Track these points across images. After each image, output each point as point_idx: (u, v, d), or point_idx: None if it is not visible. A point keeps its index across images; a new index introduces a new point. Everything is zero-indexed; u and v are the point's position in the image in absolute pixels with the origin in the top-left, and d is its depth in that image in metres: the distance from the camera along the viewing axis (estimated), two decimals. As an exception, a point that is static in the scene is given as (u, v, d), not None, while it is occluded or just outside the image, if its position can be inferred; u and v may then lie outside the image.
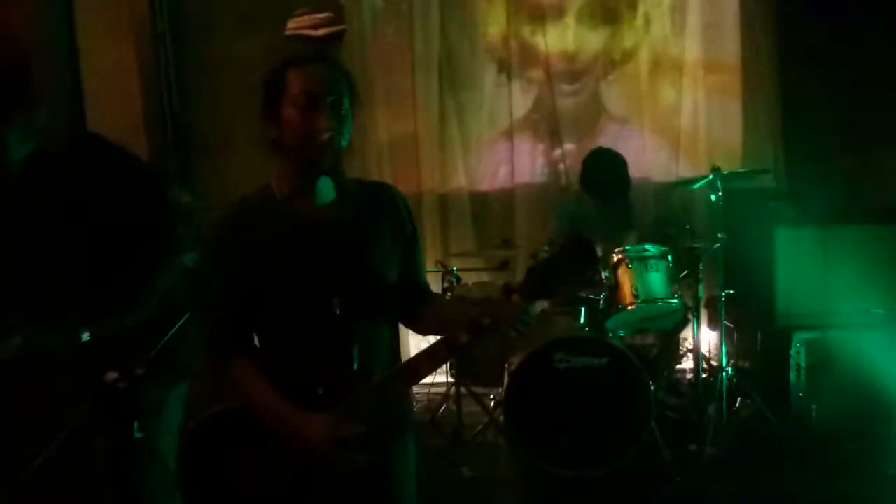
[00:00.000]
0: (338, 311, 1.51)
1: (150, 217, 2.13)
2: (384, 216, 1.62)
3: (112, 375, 1.16)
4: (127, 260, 2.07)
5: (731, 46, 4.28)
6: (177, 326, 1.53)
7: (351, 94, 1.54)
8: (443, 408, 3.71)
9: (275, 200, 1.54)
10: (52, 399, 2.02)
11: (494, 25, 4.39)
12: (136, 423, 1.22)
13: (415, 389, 4.13)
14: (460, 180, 4.44)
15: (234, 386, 1.55)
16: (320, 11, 4.37)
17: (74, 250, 2.09)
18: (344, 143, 1.50)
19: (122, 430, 1.22)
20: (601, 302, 3.37)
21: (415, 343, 4.14)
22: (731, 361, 3.74)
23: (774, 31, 4.15)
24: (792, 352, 3.43)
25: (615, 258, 3.41)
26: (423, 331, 1.76)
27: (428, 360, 1.50)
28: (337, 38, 4.41)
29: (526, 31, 4.35)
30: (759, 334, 3.74)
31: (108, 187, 2.09)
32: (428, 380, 4.15)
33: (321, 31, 4.42)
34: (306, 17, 4.38)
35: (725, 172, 3.45)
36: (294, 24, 4.39)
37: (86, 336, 1.88)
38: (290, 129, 1.48)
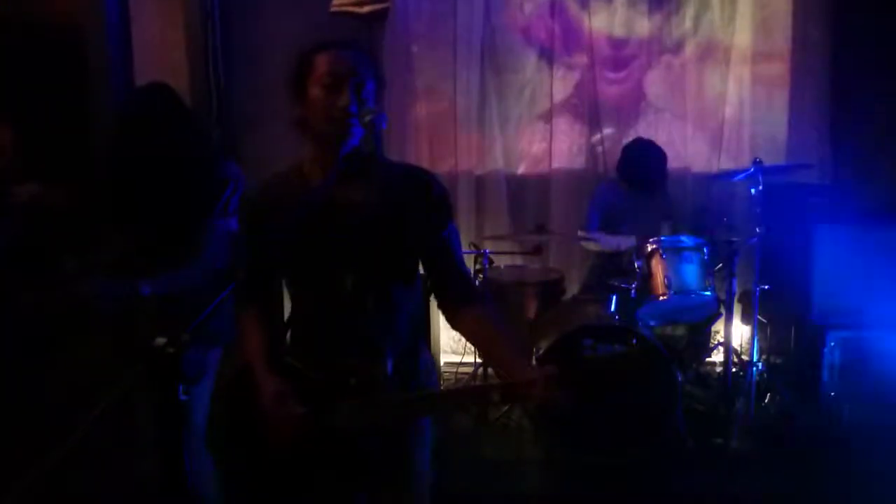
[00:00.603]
0: (349, 288, 1.57)
1: (204, 175, 2.22)
2: (412, 201, 1.62)
3: (161, 340, 1.22)
4: (178, 214, 2.18)
5: (781, 36, 4.17)
6: (222, 294, 1.59)
7: (376, 78, 1.60)
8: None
9: (300, 178, 1.62)
10: (101, 359, 2.13)
11: (539, 8, 4.34)
12: (181, 388, 1.29)
13: (442, 368, 4.20)
14: (497, 162, 4.43)
15: (240, 335, 1.69)
16: (366, -12, 4.39)
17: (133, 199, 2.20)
18: (367, 123, 1.54)
19: (168, 394, 1.29)
20: (632, 291, 3.37)
21: (444, 325, 4.18)
22: (763, 357, 3.71)
23: (826, 21, 4.02)
24: (825, 350, 3.38)
25: (649, 248, 3.40)
26: (455, 328, 1.73)
27: (454, 399, 1.65)
28: (381, 15, 4.43)
29: (571, 14, 4.29)
30: (792, 331, 3.69)
31: (173, 139, 2.18)
32: (455, 359, 4.21)
33: (366, 9, 4.44)
34: (351, -6, 4.40)
35: (767, 166, 3.39)
36: (339, 1, 4.42)
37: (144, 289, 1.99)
38: (315, 108, 1.55)
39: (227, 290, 1.57)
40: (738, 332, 3.89)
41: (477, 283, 3.44)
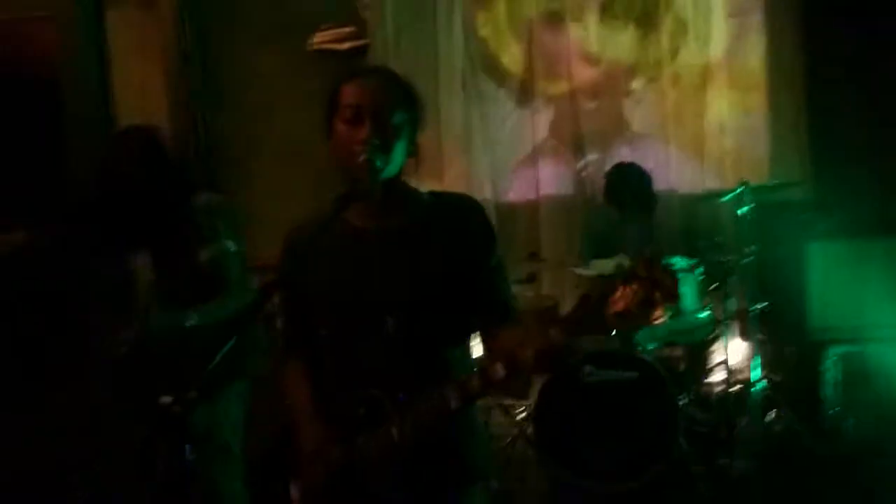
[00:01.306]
0: (391, 331, 1.48)
1: (178, 208, 2.22)
2: (454, 232, 1.53)
3: (166, 399, 1.15)
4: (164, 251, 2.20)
5: (756, 55, 4.24)
6: (227, 346, 1.52)
7: (406, 106, 1.49)
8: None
9: (339, 214, 1.50)
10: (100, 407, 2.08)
11: (519, 38, 4.38)
12: (188, 447, 1.21)
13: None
14: (485, 192, 4.42)
15: (283, 387, 1.61)
16: (344, 26, 4.42)
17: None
18: (394, 158, 1.45)
19: (175, 453, 1.22)
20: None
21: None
22: (763, 375, 3.70)
23: (799, 40, 4.09)
24: (825, 366, 3.38)
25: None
26: (487, 349, 1.62)
27: (460, 392, 1.40)
28: (360, 51, 4.45)
29: (551, 45, 4.34)
30: (791, 348, 3.69)
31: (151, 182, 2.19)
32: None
33: (345, 45, 4.46)
34: (330, 32, 4.43)
35: (755, 186, 3.42)
36: (318, 39, 4.43)
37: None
38: (337, 143, 1.47)
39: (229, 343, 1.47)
40: (736, 352, 3.88)
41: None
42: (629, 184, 3.78)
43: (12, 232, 3.92)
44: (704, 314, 3.38)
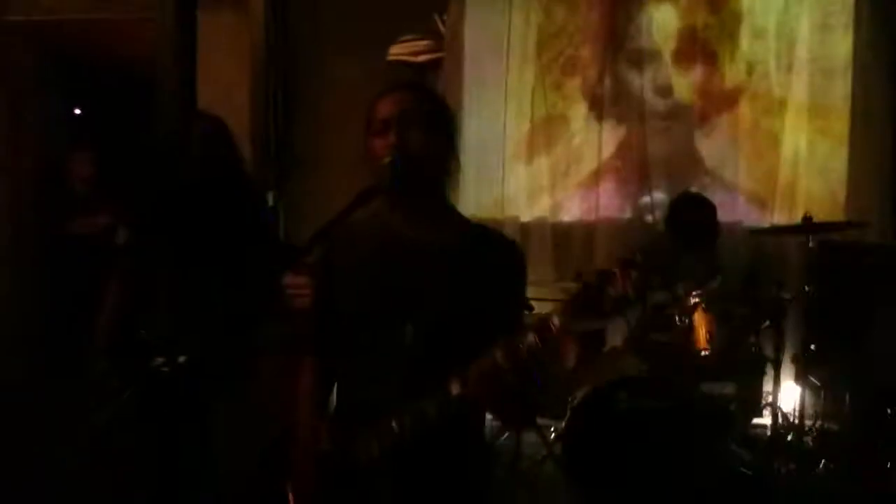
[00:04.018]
0: (409, 340, 1.48)
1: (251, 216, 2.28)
2: (490, 267, 1.51)
3: (159, 360, 1.21)
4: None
5: (840, 89, 4.05)
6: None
7: (433, 117, 1.52)
8: (505, 436, 3.66)
9: (376, 221, 1.55)
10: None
11: (590, 58, 4.38)
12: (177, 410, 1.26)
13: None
14: (544, 209, 4.42)
15: (295, 384, 1.63)
16: (422, 38, 4.52)
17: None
18: (421, 163, 1.47)
19: (162, 415, 1.26)
20: (674, 345, 3.26)
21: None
22: (817, 422, 3.51)
23: (888, 73, 3.89)
24: (886, 417, 3.18)
25: (692, 301, 3.30)
26: None
27: (461, 380, 1.37)
28: (436, 65, 4.54)
29: (622, 69, 4.31)
30: (849, 396, 3.48)
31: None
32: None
33: (421, 58, 4.56)
34: (408, 44, 4.54)
35: (817, 223, 3.27)
36: (396, 50, 4.55)
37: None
38: (370, 157, 1.51)
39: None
40: (791, 395, 3.70)
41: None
42: (693, 214, 3.69)
43: (98, 215, 4.20)
44: (752, 351, 3.25)
